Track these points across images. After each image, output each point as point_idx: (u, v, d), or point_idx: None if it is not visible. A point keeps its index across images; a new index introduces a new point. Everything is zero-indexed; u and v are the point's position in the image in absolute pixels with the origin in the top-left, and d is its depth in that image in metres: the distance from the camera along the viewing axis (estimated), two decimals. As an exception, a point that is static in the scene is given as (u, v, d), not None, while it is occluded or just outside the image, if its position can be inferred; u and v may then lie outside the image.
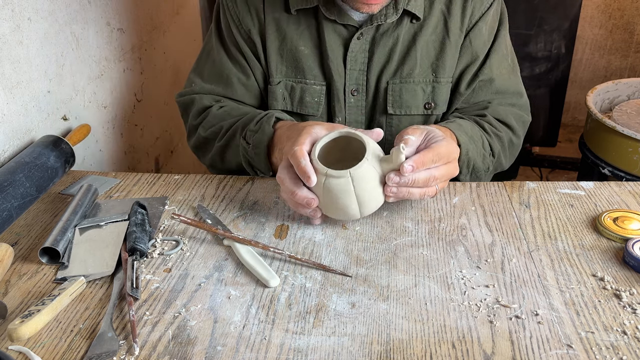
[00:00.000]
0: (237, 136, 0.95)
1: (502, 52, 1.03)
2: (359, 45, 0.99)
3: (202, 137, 1.03)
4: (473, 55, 1.01)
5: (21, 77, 1.01)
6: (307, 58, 1.00)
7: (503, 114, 1.02)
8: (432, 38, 0.99)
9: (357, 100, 1.02)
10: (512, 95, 1.04)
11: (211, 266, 0.75)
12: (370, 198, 0.78)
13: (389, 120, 1.02)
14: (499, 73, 1.02)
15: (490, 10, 1.01)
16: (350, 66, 1.00)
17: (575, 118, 2.99)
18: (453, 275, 0.72)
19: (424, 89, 1.01)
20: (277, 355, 0.60)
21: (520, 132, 1.05)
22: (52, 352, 0.61)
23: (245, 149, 0.93)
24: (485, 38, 1.01)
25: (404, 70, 0.99)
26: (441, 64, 1.00)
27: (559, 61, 2.26)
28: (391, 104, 1.00)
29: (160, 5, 1.65)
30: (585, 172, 1.81)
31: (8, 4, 0.97)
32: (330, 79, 1.00)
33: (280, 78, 1.02)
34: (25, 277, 0.74)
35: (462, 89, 1.02)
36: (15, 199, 0.84)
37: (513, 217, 0.85)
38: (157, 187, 0.95)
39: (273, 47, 1.00)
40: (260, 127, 0.91)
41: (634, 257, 0.73)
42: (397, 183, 0.76)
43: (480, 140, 0.96)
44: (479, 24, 1.00)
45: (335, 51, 0.99)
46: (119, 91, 1.40)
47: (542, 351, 0.60)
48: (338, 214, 0.80)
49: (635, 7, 2.71)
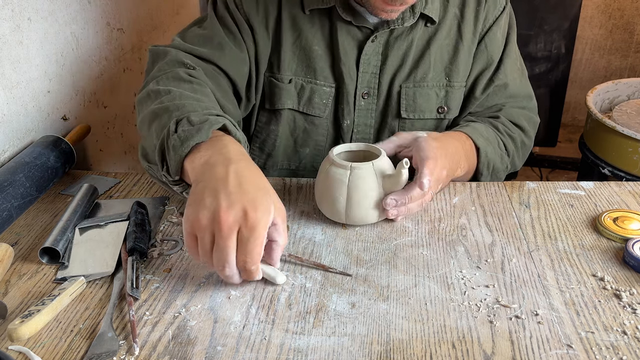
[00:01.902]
0: (173, 113, 0.75)
1: (513, 57, 1.04)
2: (372, 48, 0.98)
3: (148, 90, 0.84)
4: (488, 60, 1.01)
5: (21, 77, 1.01)
6: (319, 59, 0.99)
7: (515, 116, 1.03)
8: (446, 42, 0.99)
9: (367, 103, 1.01)
10: (523, 98, 1.06)
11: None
12: (360, 200, 0.79)
13: (401, 124, 1.02)
14: (512, 78, 1.03)
15: (503, 15, 1.01)
16: (363, 69, 0.99)
17: (575, 118, 2.99)
18: (453, 275, 0.72)
19: (437, 93, 1.00)
20: (277, 355, 0.60)
21: (532, 133, 1.07)
22: (52, 352, 0.61)
23: (168, 133, 0.72)
24: (499, 43, 1.02)
25: (417, 74, 0.99)
26: (455, 68, 1.00)
27: (559, 61, 2.26)
28: (405, 107, 1.00)
29: (160, 5, 1.65)
30: (585, 172, 1.81)
31: (8, 4, 0.97)
32: (341, 82, 0.99)
33: (290, 76, 1.00)
34: (25, 277, 0.74)
35: (478, 94, 1.02)
36: (15, 199, 0.84)
37: (513, 217, 0.85)
38: (157, 187, 0.95)
39: (287, 43, 0.99)
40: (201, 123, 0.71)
41: (634, 257, 0.73)
42: (395, 205, 0.79)
43: (496, 141, 0.97)
44: (493, 28, 1.00)
45: (349, 53, 0.98)
46: (119, 91, 1.40)
47: (542, 351, 0.60)
48: (326, 203, 0.81)
49: (635, 7, 2.72)
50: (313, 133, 1.03)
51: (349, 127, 1.02)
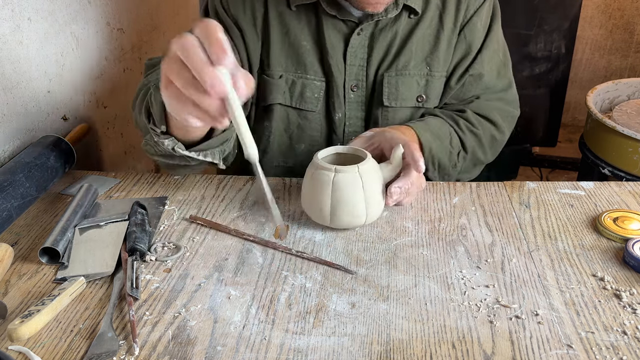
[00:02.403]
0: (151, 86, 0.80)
1: (494, 48, 1.04)
2: (358, 40, 0.99)
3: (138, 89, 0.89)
4: (467, 50, 1.02)
5: (21, 77, 1.01)
6: (308, 53, 1.00)
7: (487, 110, 1.04)
8: (428, 32, 1.01)
9: (357, 95, 1.02)
10: (500, 90, 1.06)
11: (211, 266, 0.75)
12: (375, 198, 0.79)
13: (384, 113, 1.02)
14: (489, 69, 1.04)
15: (484, 5, 1.02)
16: (350, 62, 1.00)
17: (575, 118, 2.99)
18: (453, 275, 0.72)
19: (418, 82, 1.02)
20: (277, 355, 0.60)
21: (505, 127, 1.07)
22: (52, 352, 0.61)
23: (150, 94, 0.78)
24: (480, 33, 1.02)
25: (399, 63, 1.00)
26: (435, 58, 1.01)
27: (559, 61, 2.26)
28: (387, 95, 1.01)
29: (160, 6, 1.65)
30: (585, 172, 1.81)
31: (8, 4, 0.97)
32: (330, 75, 1.00)
33: (280, 72, 1.01)
34: (25, 277, 0.74)
35: (453, 83, 1.03)
36: (15, 199, 0.84)
37: (513, 217, 0.85)
38: (157, 187, 0.95)
39: (276, 40, 1.00)
40: None
41: (634, 257, 0.73)
42: (401, 192, 0.82)
43: (448, 137, 0.98)
44: (473, 19, 1.01)
45: (336, 47, 0.99)
46: (119, 91, 1.40)
47: (542, 351, 0.60)
48: (345, 214, 0.79)
49: (635, 7, 2.71)
50: (307, 128, 1.04)
51: (340, 120, 1.03)
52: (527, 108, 2.34)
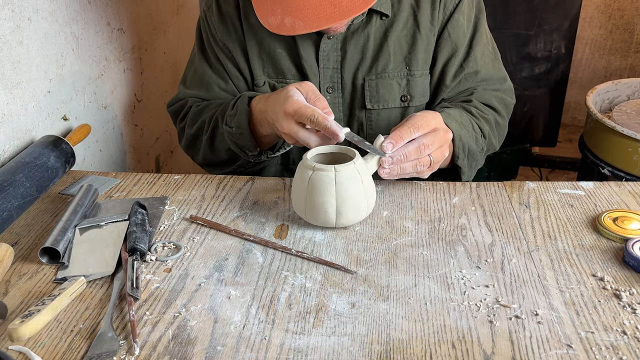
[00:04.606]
0: (219, 125, 0.98)
1: (484, 42, 1.05)
2: (330, 44, 1.01)
3: (190, 135, 1.06)
4: (453, 47, 1.03)
5: (21, 77, 1.01)
6: (284, 59, 1.03)
7: (487, 98, 1.05)
8: (404, 33, 1.01)
9: (333, 97, 1.04)
10: (495, 81, 1.07)
11: (211, 266, 0.75)
12: (372, 189, 0.80)
13: (368, 115, 1.04)
14: (484, 63, 1.05)
15: (464, 0, 1.02)
16: (323, 65, 1.02)
17: (575, 118, 2.99)
18: (453, 275, 0.72)
19: (399, 83, 1.03)
20: (277, 355, 0.60)
21: (504, 113, 1.08)
22: (52, 352, 0.61)
23: (230, 133, 0.95)
24: (464, 28, 1.03)
25: (378, 66, 1.02)
26: (414, 58, 1.02)
27: (559, 61, 2.26)
28: (369, 99, 1.03)
29: (160, 5, 1.65)
30: (585, 172, 1.81)
31: (8, 4, 0.97)
32: (306, 78, 1.02)
33: (264, 79, 1.05)
34: (25, 277, 0.74)
35: (448, 82, 1.04)
36: (15, 199, 0.84)
37: (513, 217, 0.85)
38: (157, 187, 0.95)
39: (254, 52, 1.04)
40: (237, 109, 0.94)
41: (633, 257, 0.73)
42: (390, 162, 0.81)
43: (470, 124, 0.98)
44: (454, 15, 1.02)
45: (307, 51, 1.02)
46: (119, 91, 1.40)
47: (542, 351, 0.60)
48: (351, 212, 0.79)
49: (635, 7, 2.72)
50: None
51: None
52: (527, 108, 2.35)
